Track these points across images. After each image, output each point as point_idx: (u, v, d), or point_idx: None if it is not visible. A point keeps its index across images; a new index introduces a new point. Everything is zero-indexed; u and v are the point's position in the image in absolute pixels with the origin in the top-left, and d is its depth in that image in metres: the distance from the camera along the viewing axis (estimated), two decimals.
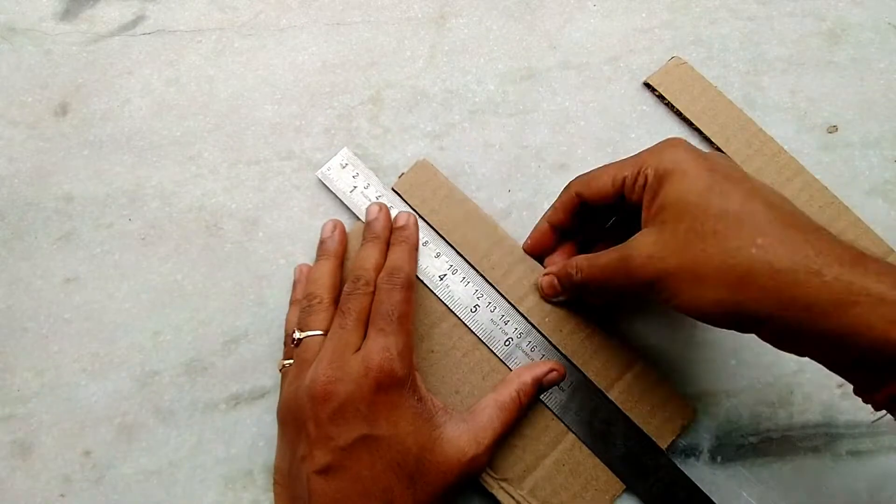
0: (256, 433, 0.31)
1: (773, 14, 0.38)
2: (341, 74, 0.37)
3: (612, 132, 0.36)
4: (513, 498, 0.29)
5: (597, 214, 0.30)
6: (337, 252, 0.32)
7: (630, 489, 0.29)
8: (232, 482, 0.30)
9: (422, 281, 0.32)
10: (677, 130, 0.36)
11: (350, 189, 0.34)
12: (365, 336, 0.28)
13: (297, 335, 0.29)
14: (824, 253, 0.21)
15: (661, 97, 0.36)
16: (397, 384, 0.26)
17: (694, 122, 0.35)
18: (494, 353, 0.31)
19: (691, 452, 0.31)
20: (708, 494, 0.29)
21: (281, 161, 0.35)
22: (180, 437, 0.31)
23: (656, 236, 0.24)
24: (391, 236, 0.32)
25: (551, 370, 0.30)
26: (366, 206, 0.33)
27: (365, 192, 0.34)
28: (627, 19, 0.38)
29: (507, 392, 0.29)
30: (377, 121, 0.36)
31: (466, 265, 0.32)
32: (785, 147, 0.35)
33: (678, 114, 0.36)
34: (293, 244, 0.34)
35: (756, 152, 0.34)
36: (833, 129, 0.35)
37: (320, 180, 0.34)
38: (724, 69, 0.37)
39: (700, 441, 0.31)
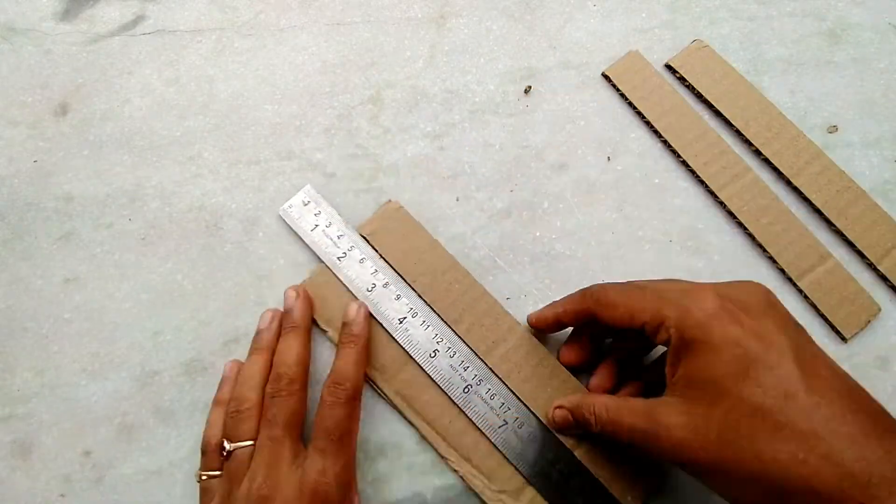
0: None
1: (773, 14, 0.38)
2: (341, 74, 0.37)
3: (612, 132, 0.36)
4: None
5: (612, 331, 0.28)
6: (272, 346, 0.30)
7: None
8: None
9: (380, 324, 0.31)
10: None
11: (311, 227, 0.33)
12: (298, 441, 0.27)
13: (227, 446, 0.27)
14: (876, 476, 0.18)
15: (682, 79, 0.36)
16: None
17: (715, 104, 0.35)
18: (452, 401, 0.30)
19: None
20: (708, 494, 0.29)
21: (281, 161, 0.35)
22: (180, 437, 0.31)
23: (686, 418, 0.22)
24: (340, 333, 0.30)
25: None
26: (325, 246, 0.32)
27: (327, 230, 0.33)
28: (627, 19, 0.38)
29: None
30: (377, 121, 0.36)
31: (427, 308, 0.31)
32: None
33: (698, 96, 0.36)
34: (293, 244, 0.34)
35: (775, 136, 0.34)
36: (833, 129, 0.35)
37: (281, 217, 0.34)
38: None
39: None
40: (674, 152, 0.35)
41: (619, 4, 0.38)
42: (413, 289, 0.32)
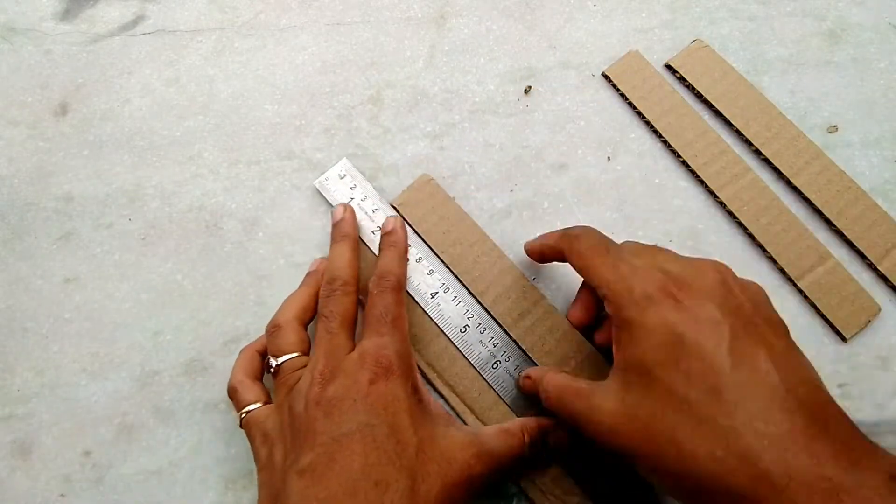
0: None
1: (773, 14, 0.38)
2: (341, 74, 0.37)
3: (612, 132, 0.36)
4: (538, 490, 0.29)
5: None
6: (317, 284, 0.30)
7: None
8: (232, 482, 0.30)
9: (413, 298, 0.31)
10: None
11: (347, 200, 0.34)
12: (353, 339, 0.27)
13: (273, 362, 0.27)
14: (794, 480, 0.18)
15: (681, 79, 0.36)
16: (396, 378, 0.25)
17: (715, 104, 0.35)
18: (481, 375, 0.30)
19: None
20: None
21: (281, 161, 0.35)
22: (180, 437, 0.31)
23: (620, 404, 0.22)
24: (380, 241, 0.31)
25: (559, 429, 0.27)
26: (361, 219, 0.33)
27: (362, 204, 0.33)
28: (627, 19, 0.38)
29: (512, 425, 0.27)
30: (377, 121, 0.36)
31: (458, 284, 0.32)
32: None
33: (698, 96, 0.36)
34: (293, 244, 0.34)
35: (775, 136, 0.34)
36: (833, 129, 0.35)
37: (317, 189, 0.34)
38: None
39: None
40: (674, 152, 0.35)
41: (619, 4, 0.38)
42: (442, 260, 0.32)
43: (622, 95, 0.36)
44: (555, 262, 0.30)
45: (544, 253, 0.30)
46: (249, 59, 0.37)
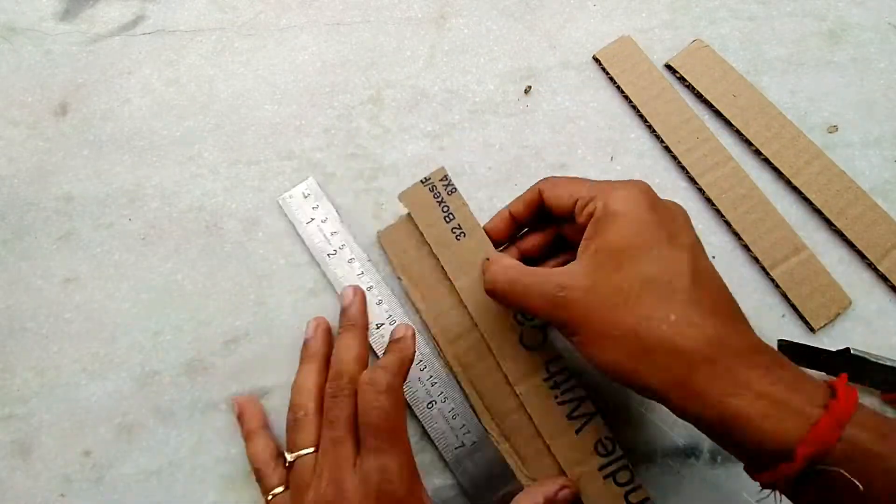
0: None
1: (773, 14, 0.38)
2: (341, 74, 0.37)
3: (612, 132, 0.36)
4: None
5: (556, 220, 0.29)
6: (322, 353, 0.30)
7: None
8: (232, 482, 0.30)
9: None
10: None
11: (308, 220, 0.33)
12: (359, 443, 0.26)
13: (289, 457, 0.27)
14: (725, 342, 0.22)
15: (681, 79, 0.36)
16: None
17: (714, 104, 0.35)
18: (415, 416, 0.30)
19: (691, 452, 0.31)
20: (708, 494, 0.29)
21: (281, 161, 0.35)
22: (180, 437, 0.31)
23: (586, 279, 0.24)
24: (388, 345, 0.29)
25: (562, 487, 0.28)
26: (318, 240, 0.33)
27: (322, 225, 0.33)
28: (627, 19, 0.38)
29: None
30: (377, 121, 0.36)
31: (405, 316, 0.32)
32: None
33: (698, 96, 0.36)
34: (293, 244, 0.34)
35: (775, 136, 0.35)
36: (833, 129, 0.35)
37: (279, 205, 0.34)
38: None
39: (700, 441, 0.31)
40: (658, 138, 0.35)
41: (619, 4, 0.38)
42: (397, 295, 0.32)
43: (618, 87, 0.36)
44: None
45: (514, 217, 0.30)
46: (249, 59, 0.37)
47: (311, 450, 0.27)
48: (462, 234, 0.31)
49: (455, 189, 0.32)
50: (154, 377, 0.32)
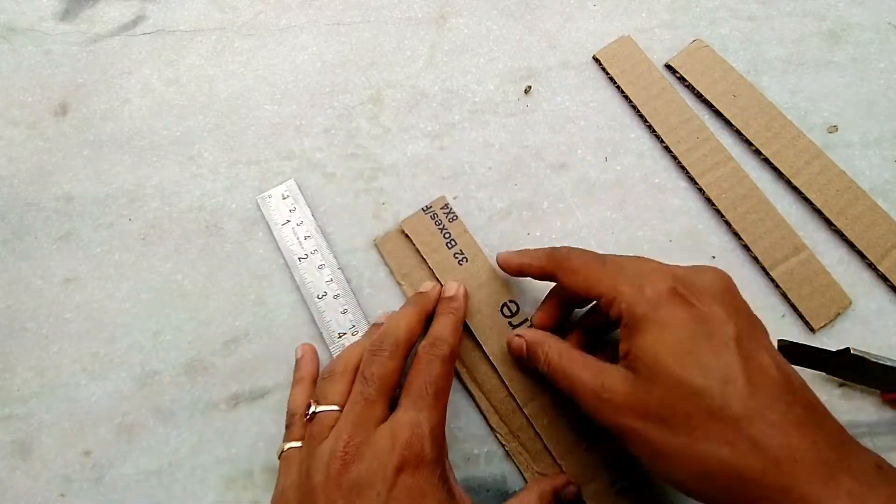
0: (256, 433, 0.31)
1: (773, 14, 0.38)
2: (341, 74, 0.37)
3: (612, 132, 0.36)
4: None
5: None
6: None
7: None
8: (232, 482, 0.30)
9: (321, 333, 0.32)
10: None
11: (283, 222, 0.33)
12: (388, 407, 0.26)
13: (312, 408, 0.26)
14: (798, 462, 0.19)
15: (681, 79, 0.36)
16: (426, 467, 0.24)
17: (714, 104, 0.35)
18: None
19: None
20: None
21: (281, 161, 0.35)
22: (180, 437, 0.31)
23: (631, 389, 0.22)
24: (439, 306, 0.29)
25: (569, 483, 0.28)
26: (290, 243, 0.33)
27: (296, 228, 0.33)
28: (627, 19, 0.38)
29: (529, 497, 0.27)
30: (377, 121, 0.36)
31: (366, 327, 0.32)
32: None
33: (698, 96, 0.36)
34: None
35: (775, 136, 0.35)
36: (833, 129, 0.35)
37: (257, 203, 0.34)
38: None
39: None
40: (658, 138, 0.35)
41: (619, 4, 0.38)
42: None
43: (618, 88, 0.36)
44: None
45: (524, 271, 0.29)
46: (249, 59, 0.37)
47: (336, 407, 0.26)
48: (464, 259, 0.32)
49: (456, 216, 0.33)
50: (154, 377, 0.32)
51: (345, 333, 0.31)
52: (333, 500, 0.23)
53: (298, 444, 0.26)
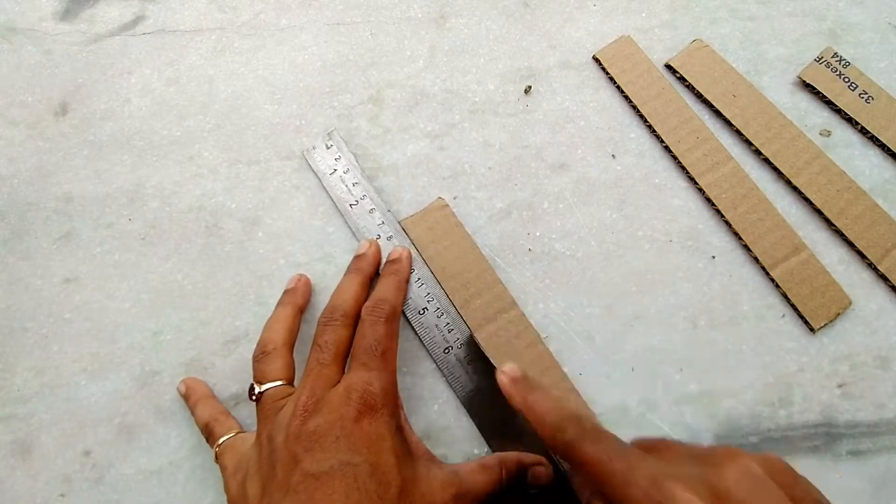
0: None
1: (773, 14, 0.38)
2: (341, 74, 0.37)
3: (612, 132, 0.36)
4: None
5: None
6: (298, 304, 0.30)
7: None
8: None
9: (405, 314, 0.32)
10: None
11: (331, 171, 0.34)
12: (342, 373, 0.26)
13: (256, 388, 0.27)
14: None
15: (681, 79, 0.36)
16: (381, 416, 0.24)
17: (714, 104, 0.35)
18: (432, 357, 0.31)
19: None
20: None
21: (281, 161, 0.35)
22: (180, 437, 0.31)
23: None
24: (384, 267, 0.31)
25: (539, 463, 0.27)
26: (340, 191, 0.33)
27: (344, 176, 0.34)
28: (627, 19, 0.38)
29: (491, 460, 0.27)
30: (377, 121, 0.36)
31: (425, 267, 0.32)
32: None
33: (698, 96, 0.36)
34: (293, 244, 0.34)
35: (775, 135, 0.35)
36: (826, 133, 0.35)
37: (304, 157, 0.35)
38: None
39: (700, 441, 0.31)
40: (658, 138, 0.35)
41: (619, 4, 0.38)
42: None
43: (618, 87, 0.36)
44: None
45: (531, 415, 0.24)
46: (249, 59, 0.37)
47: (281, 382, 0.27)
48: (870, 98, 0.33)
49: (849, 63, 0.34)
50: (154, 377, 0.32)
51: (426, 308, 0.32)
52: (294, 452, 0.23)
53: (232, 434, 0.27)
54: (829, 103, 0.36)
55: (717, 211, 0.34)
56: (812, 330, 0.32)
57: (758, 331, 0.32)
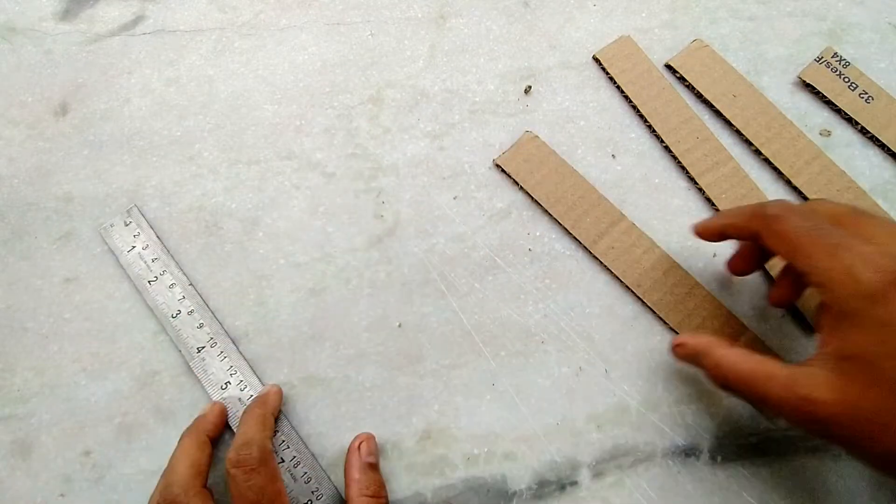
0: None
1: (773, 14, 0.38)
2: (341, 74, 0.37)
3: (612, 132, 0.36)
4: None
5: None
6: (208, 430, 0.29)
7: None
8: None
9: (180, 351, 0.31)
10: None
11: (129, 248, 0.33)
12: None
13: None
14: None
15: (681, 79, 0.36)
16: None
17: (714, 104, 0.35)
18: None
19: (691, 452, 0.31)
20: (708, 494, 0.30)
21: (281, 161, 0.35)
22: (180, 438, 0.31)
23: (838, 395, 0.21)
24: (247, 406, 0.29)
25: (360, 441, 0.28)
26: (138, 268, 0.32)
27: (142, 252, 0.33)
28: (627, 19, 0.38)
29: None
30: (377, 121, 0.36)
31: (227, 339, 0.32)
32: None
33: (698, 96, 0.36)
34: (293, 244, 0.34)
35: (775, 135, 0.35)
36: (826, 133, 0.35)
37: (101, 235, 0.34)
38: None
39: (700, 441, 0.31)
40: (658, 138, 0.35)
41: (619, 4, 0.38)
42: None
43: (617, 87, 0.36)
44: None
45: (726, 233, 0.27)
46: (249, 59, 0.37)
47: None
48: (870, 98, 0.34)
49: (849, 63, 0.34)
50: (154, 377, 0.32)
51: (203, 347, 0.31)
52: None
53: None
54: (828, 103, 0.36)
55: (718, 211, 0.34)
56: (812, 330, 0.32)
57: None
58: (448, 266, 0.33)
